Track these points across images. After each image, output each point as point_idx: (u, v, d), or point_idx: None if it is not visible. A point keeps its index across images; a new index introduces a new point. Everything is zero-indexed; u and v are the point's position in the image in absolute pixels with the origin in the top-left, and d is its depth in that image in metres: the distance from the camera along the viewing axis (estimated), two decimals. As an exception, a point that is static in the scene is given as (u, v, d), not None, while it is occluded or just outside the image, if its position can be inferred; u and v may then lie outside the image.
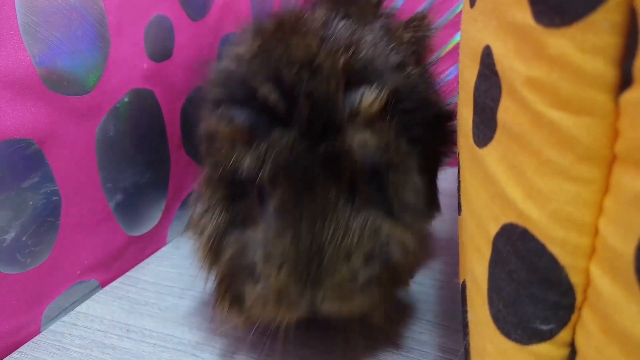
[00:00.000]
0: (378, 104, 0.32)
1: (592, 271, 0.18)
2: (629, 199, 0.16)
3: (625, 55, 0.16)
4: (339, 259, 0.30)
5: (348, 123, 0.31)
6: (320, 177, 0.30)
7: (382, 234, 0.32)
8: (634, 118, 0.16)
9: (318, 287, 0.30)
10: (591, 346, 0.18)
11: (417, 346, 0.37)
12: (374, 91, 0.32)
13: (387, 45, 0.35)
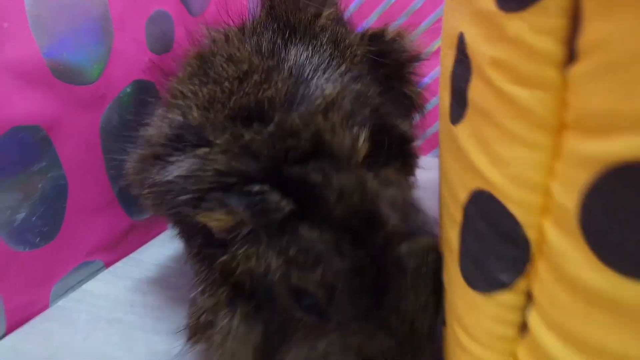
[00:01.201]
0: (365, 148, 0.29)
1: (544, 226, 0.21)
2: (574, 160, 0.19)
3: (571, 35, 0.19)
4: None
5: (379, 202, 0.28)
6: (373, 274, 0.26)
7: None
8: (578, 90, 0.18)
9: None
10: (544, 292, 0.21)
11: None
12: (362, 134, 0.29)
13: (341, 71, 0.33)
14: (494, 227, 0.22)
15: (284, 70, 0.31)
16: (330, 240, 0.26)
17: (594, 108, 0.18)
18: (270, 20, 0.37)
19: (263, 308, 0.28)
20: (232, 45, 0.34)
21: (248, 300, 0.28)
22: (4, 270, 0.40)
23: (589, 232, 0.19)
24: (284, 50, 0.33)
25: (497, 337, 0.23)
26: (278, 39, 0.35)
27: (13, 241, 0.40)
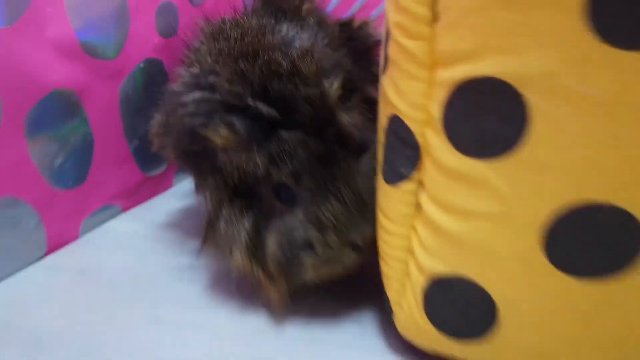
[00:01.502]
0: (339, 91, 0.38)
1: (427, 133, 0.31)
2: (438, 85, 0.30)
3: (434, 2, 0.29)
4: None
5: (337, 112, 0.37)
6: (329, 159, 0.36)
7: None
8: (438, 39, 0.29)
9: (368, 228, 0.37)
10: (427, 177, 0.32)
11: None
12: (337, 80, 0.38)
13: (323, 41, 0.43)
14: (399, 138, 0.33)
15: (276, 33, 0.41)
16: (300, 139, 0.36)
17: (446, 49, 0.28)
18: (265, 7, 0.47)
19: (253, 203, 0.38)
20: (238, 18, 0.44)
21: (243, 198, 0.38)
22: (46, 204, 0.50)
23: (447, 130, 0.29)
24: (277, 26, 0.43)
25: (402, 215, 0.34)
26: (272, 20, 0.44)
27: (53, 181, 0.51)
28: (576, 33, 0.23)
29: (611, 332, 0.28)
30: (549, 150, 0.26)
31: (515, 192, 0.28)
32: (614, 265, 0.27)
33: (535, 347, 0.31)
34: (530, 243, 0.28)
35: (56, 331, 0.40)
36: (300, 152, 0.36)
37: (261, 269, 0.38)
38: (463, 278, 0.31)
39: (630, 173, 0.25)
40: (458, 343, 0.33)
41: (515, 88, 0.26)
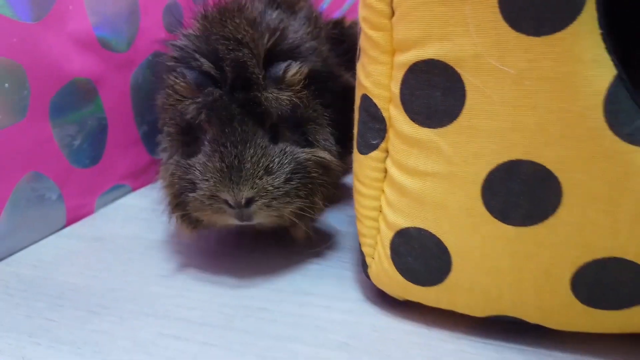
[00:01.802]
0: (299, 75, 0.43)
1: (390, 108, 0.38)
2: (396, 67, 0.36)
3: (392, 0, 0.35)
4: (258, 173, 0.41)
5: (266, 85, 0.42)
6: (239, 118, 0.41)
7: (300, 158, 0.43)
8: (395, 29, 0.35)
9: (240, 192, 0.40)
10: (391, 145, 0.38)
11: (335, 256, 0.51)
12: (297, 66, 0.43)
13: (307, 32, 0.48)
14: (369, 113, 0.39)
15: (258, 14, 0.46)
16: (218, 95, 0.41)
17: (400, 38, 0.35)
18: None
19: (191, 140, 0.45)
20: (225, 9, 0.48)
21: (185, 137, 0.45)
22: (66, 179, 0.57)
23: (404, 104, 0.36)
24: (267, 10, 0.48)
25: (373, 179, 0.40)
26: (267, 8, 0.49)
27: (72, 160, 0.58)
28: (493, 23, 0.29)
29: (540, 267, 0.34)
30: (480, 117, 0.32)
31: (458, 154, 0.34)
32: (539, 214, 0.33)
33: (483, 287, 0.37)
34: (472, 196, 0.34)
35: (77, 286, 0.46)
36: (217, 107, 0.41)
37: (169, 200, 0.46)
38: (422, 229, 0.37)
39: (543, 134, 0.31)
40: (421, 289, 0.39)
41: (453, 67, 0.32)
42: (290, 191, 0.43)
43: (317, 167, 0.45)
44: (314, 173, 0.44)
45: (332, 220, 0.58)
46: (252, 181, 0.41)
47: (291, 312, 0.42)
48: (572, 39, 0.28)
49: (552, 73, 0.29)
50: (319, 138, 0.46)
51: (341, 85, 0.52)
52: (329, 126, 0.47)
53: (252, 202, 0.41)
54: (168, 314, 0.42)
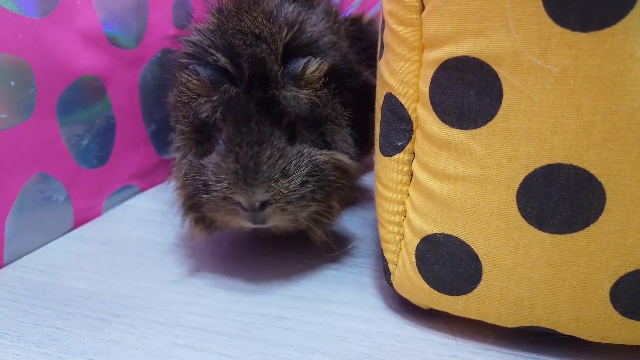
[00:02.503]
0: (319, 72, 0.41)
1: (417, 108, 0.36)
2: (426, 65, 0.34)
3: (422, -6, 0.33)
4: (274, 176, 0.39)
5: (284, 82, 0.40)
6: (255, 117, 0.39)
7: (317, 161, 0.41)
8: (425, 25, 0.33)
9: (254, 194, 0.38)
10: (418, 147, 0.36)
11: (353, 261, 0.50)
12: (317, 63, 0.41)
13: (327, 26, 0.46)
14: (394, 113, 0.37)
15: (279, 13, 0.44)
16: (235, 93, 0.39)
17: (431, 33, 0.33)
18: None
19: (205, 138, 0.44)
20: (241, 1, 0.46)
21: (199, 136, 0.44)
22: (74, 181, 0.55)
23: (433, 103, 0.34)
24: (285, 5, 0.46)
25: (397, 183, 0.38)
26: (283, 2, 0.47)
27: (79, 160, 0.56)
28: (536, 18, 0.27)
29: (577, 277, 0.32)
30: (518, 118, 0.30)
31: (492, 157, 0.32)
32: (579, 221, 0.31)
33: (516, 297, 0.35)
34: (506, 202, 0.32)
35: (86, 292, 0.45)
36: (233, 105, 0.40)
37: (182, 202, 0.45)
38: (450, 236, 0.35)
39: (586, 136, 0.29)
40: (448, 298, 0.37)
41: (489, 65, 0.30)
42: (307, 195, 0.41)
43: (335, 170, 0.43)
44: (331, 176, 0.42)
45: (348, 223, 0.56)
46: (268, 184, 0.39)
47: (310, 321, 0.40)
48: (622, 35, 0.26)
49: (599, 71, 0.27)
50: (337, 139, 0.44)
51: (360, 83, 0.50)
52: (347, 127, 0.45)
53: (267, 205, 0.39)
54: (181, 322, 0.40)
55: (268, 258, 0.50)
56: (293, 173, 0.40)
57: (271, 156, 0.39)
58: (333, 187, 0.43)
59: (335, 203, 0.44)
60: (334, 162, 0.43)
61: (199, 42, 0.42)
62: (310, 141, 0.43)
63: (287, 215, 0.41)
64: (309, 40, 0.43)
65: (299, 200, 0.40)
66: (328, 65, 0.42)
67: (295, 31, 0.42)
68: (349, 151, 0.45)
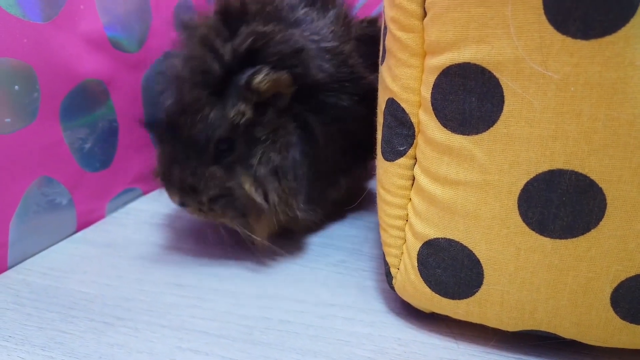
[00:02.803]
0: (265, 84, 0.42)
1: (419, 114, 0.36)
2: (428, 71, 0.34)
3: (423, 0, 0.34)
4: (185, 188, 0.45)
5: (234, 93, 0.43)
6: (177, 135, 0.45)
7: (225, 186, 0.45)
8: (427, 31, 0.34)
9: (172, 195, 0.47)
10: (420, 152, 0.36)
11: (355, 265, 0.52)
12: (265, 73, 0.42)
13: (331, 30, 0.48)
14: (396, 118, 0.38)
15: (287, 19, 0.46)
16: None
17: (433, 40, 0.33)
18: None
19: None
20: None
21: None
22: (77, 184, 0.55)
23: (435, 109, 0.34)
24: (298, 9, 0.48)
25: (399, 187, 0.38)
26: (300, 4, 0.49)
27: (83, 163, 0.56)
28: (537, 25, 0.28)
29: (578, 281, 0.32)
30: (519, 124, 0.30)
31: (494, 162, 0.32)
32: (580, 226, 0.31)
33: (517, 301, 0.35)
34: (507, 207, 0.33)
35: (90, 295, 0.45)
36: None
37: None
38: (452, 241, 0.36)
39: (587, 143, 0.29)
40: (450, 302, 0.37)
41: (490, 72, 0.30)
42: (216, 209, 0.46)
43: (244, 196, 0.45)
44: (241, 202, 0.45)
45: (350, 226, 0.57)
46: (180, 194, 0.46)
47: (313, 325, 0.41)
48: (623, 43, 0.26)
49: (600, 78, 0.28)
50: (259, 164, 0.45)
51: (364, 87, 0.50)
52: (284, 150, 0.45)
53: (185, 205, 0.47)
54: (185, 326, 0.41)
55: (270, 262, 0.50)
56: (201, 192, 0.45)
57: (182, 173, 0.45)
58: (247, 208, 0.46)
59: (253, 222, 0.47)
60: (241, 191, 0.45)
61: None
62: (242, 158, 0.45)
63: (204, 218, 0.47)
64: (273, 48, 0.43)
65: (211, 211, 0.46)
66: (283, 76, 0.43)
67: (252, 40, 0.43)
68: (273, 177, 0.45)
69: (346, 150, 0.51)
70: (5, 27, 0.45)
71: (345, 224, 0.57)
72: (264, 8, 0.45)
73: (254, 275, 0.48)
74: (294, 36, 0.44)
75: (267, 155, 0.44)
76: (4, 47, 0.45)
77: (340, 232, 0.55)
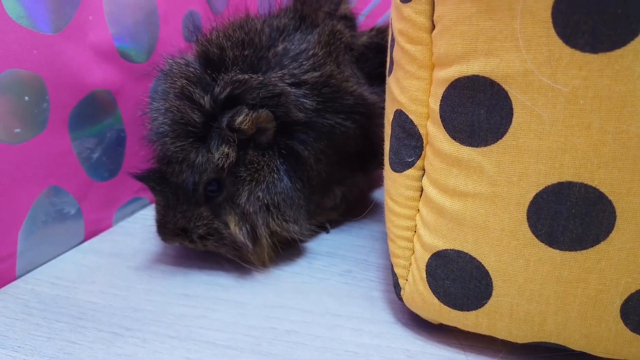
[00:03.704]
0: (247, 123, 0.44)
1: (427, 125, 0.36)
2: (436, 83, 0.34)
3: (432, 13, 0.34)
4: (176, 231, 0.49)
5: (215, 135, 0.45)
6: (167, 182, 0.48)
7: (213, 227, 0.48)
8: (436, 43, 0.34)
9: (165, 240, 0.50)
10: (429, 163, 0.36)
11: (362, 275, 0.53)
12: (245, 113, 0.44)
13: (310, 55, 0.49)
14: (404, 130, 0.38)
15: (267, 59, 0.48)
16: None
17: (441, 53, 0.33)
18: (292, 11, 0.54)
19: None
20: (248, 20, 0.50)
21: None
22: (85, 194, 0.56)
23: (444, 121, 0.34)
24: (277, 44, 0.49)
25: (407, 198, 0.39)
26: (285, 30, 0.51)
27: (91, 173, 0.56)
28: (546, 39, 0.28)
29: (587, 293, 0.32)
30: (528, 137, 0.30)
31: (503, 174, 0.32)
32: (589, 239, 0.31)
33: (526, 313, 0.35)
34: (517, 219, 0.33)
35: (98, 305, 0.45)
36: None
37: None
38: (461, 252, 0.36)
39: (597, 155, 0.29)
40: (458, 313, 0.37)
41: (499, 84, 0.30)
42: (209, 244, 0.49)
43: (230, 235, 0.48)
44: (228, 240, 0.48)
45: (356, 236, 0.57)
46: (172, 238, 0.49)
47: (321, 335, 0.41)
48: (632, 57, 0.27)
49: (609, 92, 0.28)
50: (242, 203, 0.47)
51: (350, 102, 0.51)
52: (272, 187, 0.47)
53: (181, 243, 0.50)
54: (193, 336, 0.41)
55: (277, 272, 0.50)
56: (191, 231, 0.48)
57: (174, 216, 0.48)
58: (236, 244, 0.48)
59: (247, 254, 0.48)
60: (226, 232, 0.48)
61: None
62: (231, 198, 0.47)
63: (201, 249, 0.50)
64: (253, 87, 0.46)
65: (205, 247, 0.49)
66: (259, 116, 0.45)
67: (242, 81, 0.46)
68: (259, 222, 0.47)
69: (339, 162, 0.52)
70: (16, 39, 0.46)
71: (352, 234, 0.57)
72: (242, 52, 0.47)
73: (261, 285, 0.48)
74: (272, 81, 0.46)
75: (255, 195, 0.47)
76: (15, 58, 0.46)
77: (346, 242, 0.55)
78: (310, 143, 0.48)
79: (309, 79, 0.48)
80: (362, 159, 0.54)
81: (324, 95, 0.49)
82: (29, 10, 0.47)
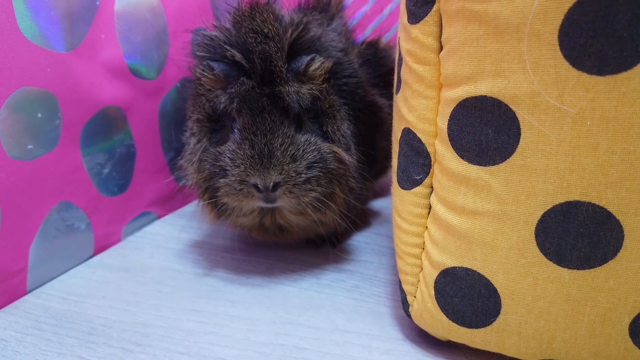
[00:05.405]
0: (320, 70, 0.46)
1: (435, 144, 0.37)
2: (444, 102, 0.35)
3: (440, 34, 0.34)
4: (286, 160, 0.44)
5: (288, 78, 0.45)
6: (268, 109, 0.44)
7: (322, 150, 0.46)
8: (443, 64, 0.34)
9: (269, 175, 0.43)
10: (437, 181, 0.37)
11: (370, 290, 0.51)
12: (319, 61, 0.46)
13: (336, 35, 0.51)
14: (412, 148, 0.38)
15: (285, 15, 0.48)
16: (250, 86, 0.45)
17: (449, 73, 0.34)
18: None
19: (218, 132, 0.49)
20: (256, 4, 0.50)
21: (213, 125, 0.49)
22: (95, 208, 0.56)
23: (452, 140, 0.34)
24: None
25: (416, 215, 0.39)
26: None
27: (101, 188, 0.57)
28: (552, 61, 0.28)
29: (596, 312, 0.32)
30: (536, 157, 0.31)
31: (510, 193, 0.32)
32: (598, 257, 0.31)
33: (534, 331, 0.35)
34: (525, 237, 0.33)
35: (108, 321, 0.45)
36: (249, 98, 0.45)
37: (198, 184, 0.49)
38: (470, 270, 0.36)
39: (604, 175, 0.29)
40: (467, 330, 0.38)
41: (507, 105, 0.31)
42: (312, 179, 0.45)
43: (335, 160, 0.47)
44: (332, 165, 0.46)
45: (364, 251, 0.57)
46: (280, 167, 0.44)
47: (330, 352, 0.41)
48: (639, 79, 0.27)
49: (616, 113, 0.28)
50: (334, 130, 0.48)
51: (367, 102, 0.53)
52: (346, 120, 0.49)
53: (278, 186, 0.44)
54: (202, 353, 0.41)
55: (286, 287, 0.50)
56: (300, 158, 0.45)
57: (283, 143, 0.44)
58: (335, 175, 0.47)
59: (338, 191, 0.48)
60: (334, 153, 0.47)
61: (215, 37, 0.47)
62: (312, 131, 0.48)
63: (294, 197, 0.45)
64: (312, 37, 0.47)
65: (305, 183, 0.45)
66: (331, 63, 0.47)
67: (300, 30, 0.47)
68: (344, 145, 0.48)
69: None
70: (30, 57, 0.47)
71: (359, 249, 0.57)
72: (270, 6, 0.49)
73: (269, 301, 0.48)
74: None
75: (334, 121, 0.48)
76: (28, 76, 0.47)
77: (354, 257, 0.56)
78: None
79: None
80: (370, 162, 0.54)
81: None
82: (44, 30, 0.47)
